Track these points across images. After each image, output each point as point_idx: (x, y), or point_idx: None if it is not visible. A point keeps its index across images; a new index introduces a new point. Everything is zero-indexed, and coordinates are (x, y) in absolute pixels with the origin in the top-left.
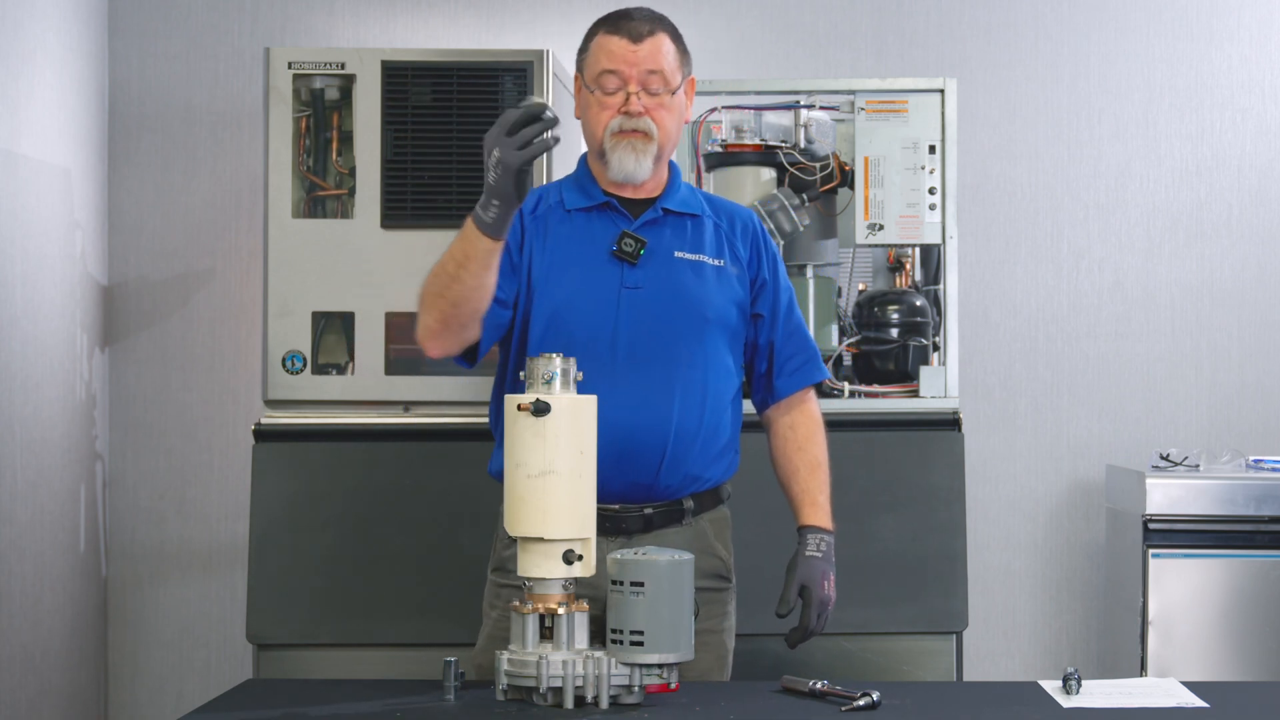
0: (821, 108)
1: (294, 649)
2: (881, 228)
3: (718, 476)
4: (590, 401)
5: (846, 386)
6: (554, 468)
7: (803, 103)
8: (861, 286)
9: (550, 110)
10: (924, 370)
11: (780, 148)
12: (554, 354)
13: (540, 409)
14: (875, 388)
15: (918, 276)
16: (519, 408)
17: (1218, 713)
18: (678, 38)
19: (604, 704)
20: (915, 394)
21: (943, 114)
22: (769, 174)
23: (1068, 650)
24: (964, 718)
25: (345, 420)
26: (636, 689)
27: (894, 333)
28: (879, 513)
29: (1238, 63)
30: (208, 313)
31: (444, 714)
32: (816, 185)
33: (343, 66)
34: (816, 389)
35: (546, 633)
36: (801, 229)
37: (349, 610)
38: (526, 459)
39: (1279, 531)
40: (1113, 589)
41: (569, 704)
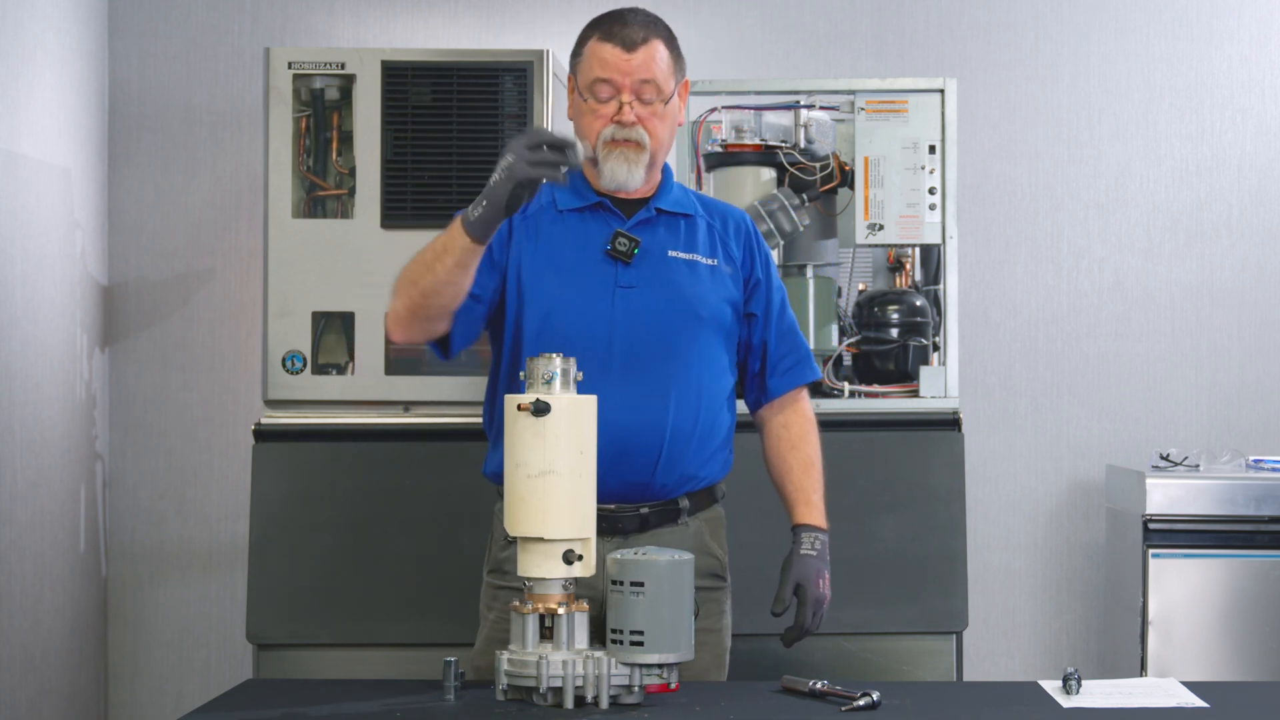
0: (821, 108)
1: (294, 649)
2: (881, 228)
3: (713, 476)
4: (590, 401)
5: (846, 386)
6: (554, 468)
7: (803, 103)
8: (861, 286)
9: (578, 152)
10: (924, 370)
11: (780, 148)
12: (554, 354)
13: (540, 409)
14: (875, 388)
15: (918, 276)
16: (519, 408)
17: (1218, 713)
18: (672, 42)
19: (604, 704)
20: (915, 394)
21: (943, 114)
22: (769, 174)
23: (1068, 650)
24: (964, 718)
25: (345, 420)
26: (636, 689)
27: (894, 333)
28: (879, 513)
29: (1238, 63)
30: (208, 313)
31: (444, 714)
32: (816, 185)
33: (343, 66)
34: (815, 388)
35: (546, 633)
36: (801, 229)
37: (349, 610)
38: (526, 459)
39: (1279, 531)
40: (1113, 589)
41: (569, 704)
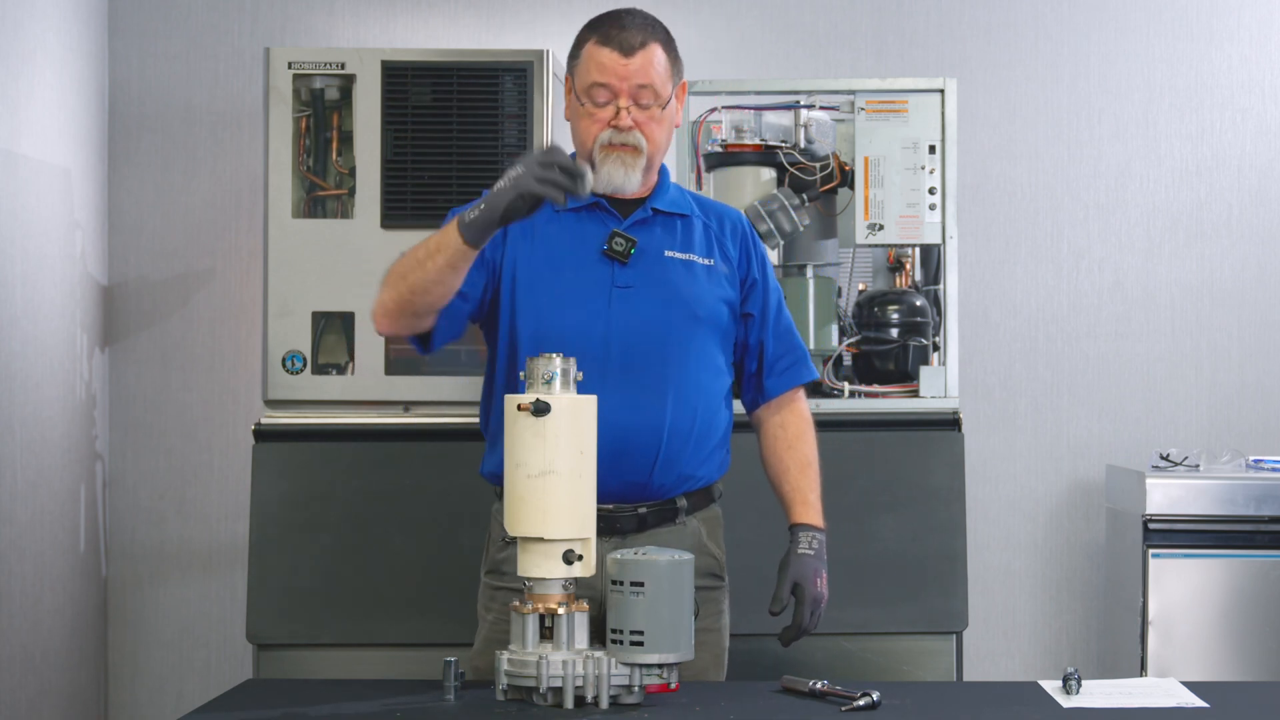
0: (821, 108)
1: (294, 649)
2: (881, 228)
3: (710, 475)
4: (590, 401)
5: (846, 386)
6: (554, 468)
7: (803, 103)
8: (861, 286)
9: (586, 184)
10: (924, 370)
11: (780, 148)
12: (554, 354)
13: (540, 409)
14: (875, 388)
15: (918, 276)
16: (519, 408)
17: (1218, 713)
18: (670, 45)
19: (604, 704)
20: (915, 394)
21: (943, 114)
22: (769, 174)
23: (1068, 650)
24: (964, 718)
25: (345, 420)
26: (636, 689)
27: (894, 333)
28: (879, 513)
29: (1238, 63)
30: (208, 313)
31: (444, 714)
32: (816, 185)
33: (343, 66)
34: (815, 388)
35: (546, 633)
36: (801, 229)
37: (349, 610)
38: (526, 459)
39: (1279, 531)
40: (1113, 589)
41: (569, 704)
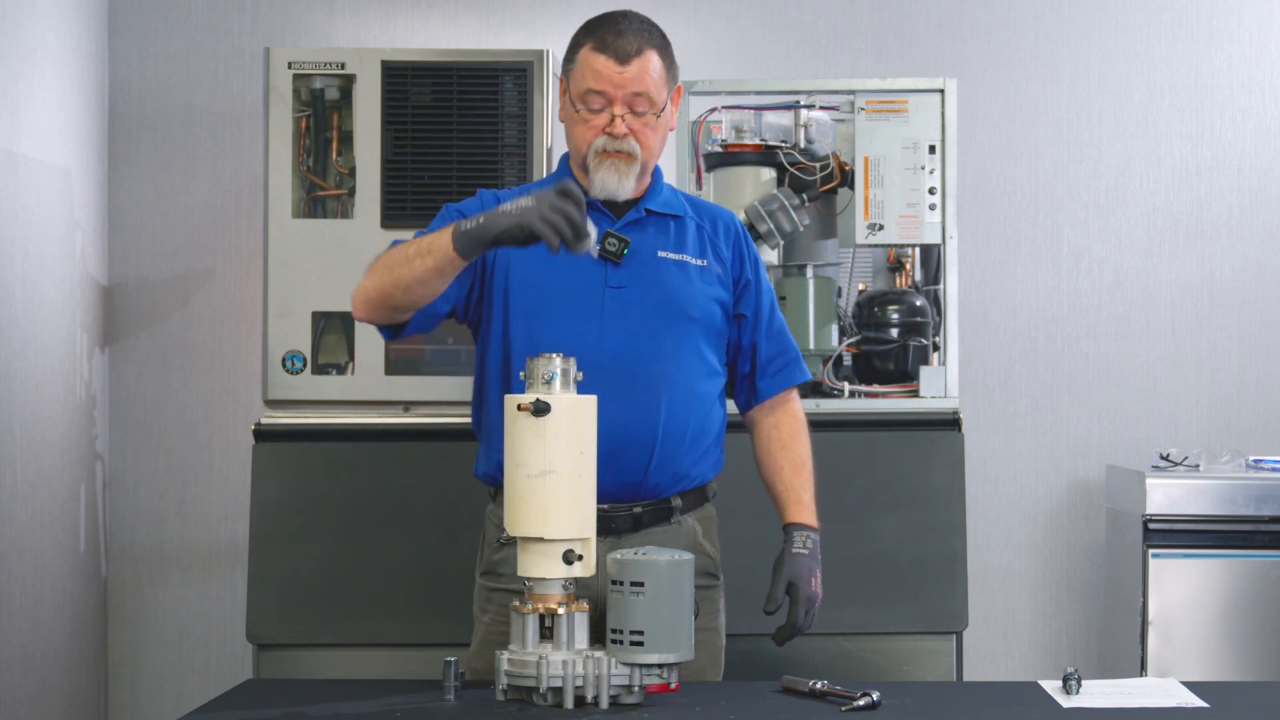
0: (821, 108)
1: (294, 649)
2: (881, 228)
3: (704, 474)
4: (590, 401)
5: (846, 386)
6: (554, 468)
7: (803, 103)
8: (861, 286)
9: (586, 244)
10: (924, 370)
11: (780, 148)
12: (554, 354)
13: (540, 409)
14: (875, 388)
15: (918, 276)
16: (519, 408)
17: (1218, 713)
18: (666, 51)
19: (604, 704)
20: (915, 394)
21: (943, 114)
22: (769, 174)
23: (1068, 650)
24: (964, 718)
25: (345, 420)
26: (636, 689)
27: (894, 333)
28: (879, 513)
29: (1238, 63)
30: (208, 313)
31: (444, 714)
32: (816, 185)
33: (343, 66)
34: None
35: (546, 633)
36: (801, 229)
37: (349, 610)
38: (526, 459)
39: (1279, 531)
40: (1113, 589)
41: (569, 704)
